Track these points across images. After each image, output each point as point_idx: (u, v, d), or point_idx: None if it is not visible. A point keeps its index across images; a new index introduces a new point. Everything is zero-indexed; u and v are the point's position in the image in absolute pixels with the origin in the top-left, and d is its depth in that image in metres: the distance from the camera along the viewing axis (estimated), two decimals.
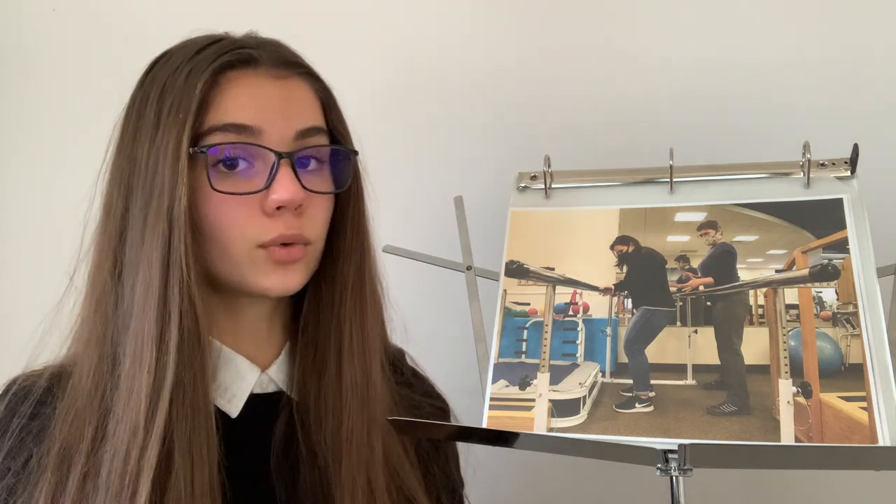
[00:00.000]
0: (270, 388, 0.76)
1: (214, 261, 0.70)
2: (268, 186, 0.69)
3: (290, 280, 0.71)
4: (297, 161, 0.71)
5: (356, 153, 0.76)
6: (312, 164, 0.73)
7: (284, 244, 0.70)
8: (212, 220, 0.69)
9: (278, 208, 0.69)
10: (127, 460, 0.64)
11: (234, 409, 0.73)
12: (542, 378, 0.77)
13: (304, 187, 0.70)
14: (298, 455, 0.73)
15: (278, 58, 0.72)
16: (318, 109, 0.74)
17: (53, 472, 0.65)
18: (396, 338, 0.86)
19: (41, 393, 0.70)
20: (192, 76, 0.69)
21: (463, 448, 0.88)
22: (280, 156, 0.69)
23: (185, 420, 0.65)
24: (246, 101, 0.69)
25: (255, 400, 0.74)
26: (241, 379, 0.74)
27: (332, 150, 0.74)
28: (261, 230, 0.69)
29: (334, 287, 0.76)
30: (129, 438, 0.64)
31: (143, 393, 0.65)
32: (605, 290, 0.81)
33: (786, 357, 0.72)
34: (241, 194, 0.69)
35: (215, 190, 0.68)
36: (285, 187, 0.69)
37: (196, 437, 0.66)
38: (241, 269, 0.70)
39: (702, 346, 0.75)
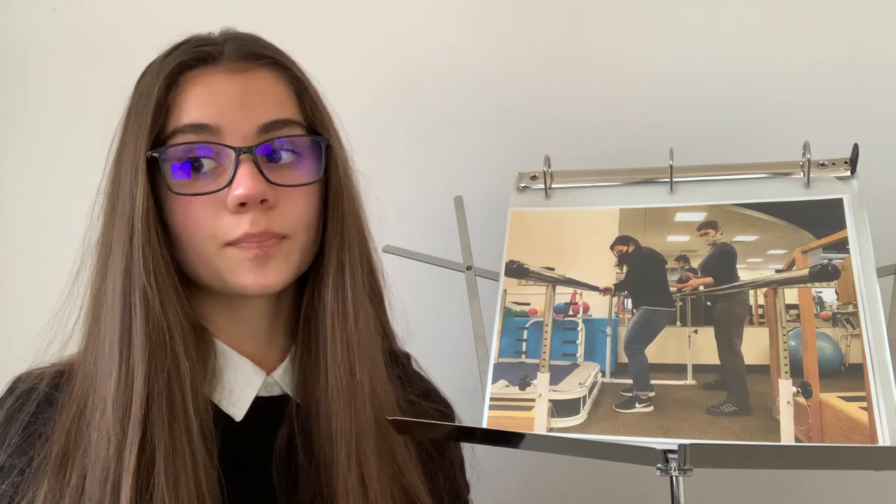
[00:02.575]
0: (276, 392, 0.75)
1: (191, 263, 0.70)
2: (229, 183, 0.68)
3: (267, 277, 0.69)
4: (266, 155, 0.69)
5: (328, 141, 0.73)
6: (285, 158, 0.71)
7: (257, 239, 0.69)
8: (179, 222, 0.69)
9: (242, 205, 0.68)
10: (105, 468, 0.63)
11: (238, 412, 0.72)
12: (542, 378, 0.77)
13: (268, 181, 0.68)
14: (298, 460, 0.73)
15: (240, 52, 0.71)
16: (286, 99, 0.72)
17: (50, 480, 0.65)
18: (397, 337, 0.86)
19: (47, 392, 0.70)
20: (155, 80, 0.69)
21: (467, 451, 0.88)
22: (239, 151, 0.68)
23: (162, 424, 0.65)
24: (204, 100, 0.69)
25: (260, 403, 0.74)
26: (245, 382, 0.73)
27: (308, 142, 0.72)
28: (226, 228, 0.68)
29: (320, 283, 0.74)
30: (105, 446, 0.64)
31: (113, 400, 0.64)
32: (605, 290, 0.81)
33: (786, 357, 0.72)
34: (200, 195, 0.68)
35: (173, 192, 0.68)
36: (243, 182, 0.67)
37: (177, 440, 0.65)
38: (215, 269, 0.70)
39: (702, 346, 0.75)
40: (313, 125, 0.74)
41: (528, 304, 0.81)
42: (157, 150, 0.68)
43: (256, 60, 0.72)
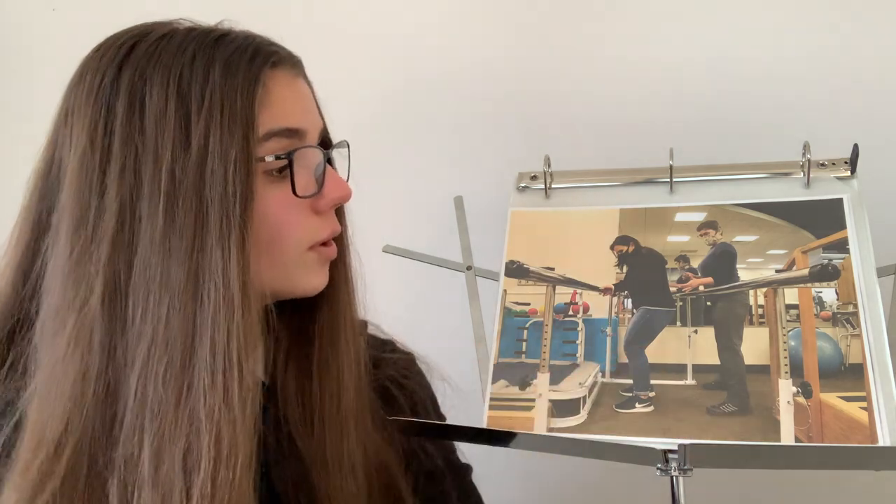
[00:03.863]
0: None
1: (262, 270, 0.66)
2: (321, 186, 0.68)
3: (328, 275, 0.72)
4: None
5: (348, 145, 0.75)
6: (338, 161, 0.73)
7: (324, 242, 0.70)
8: (273, 226, 0.66)
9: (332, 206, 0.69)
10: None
11: None
12: (542, 378, 0.77)
13: None
14: (282, 446, 0.72)
15: (290, 55, 0.70)
16: None
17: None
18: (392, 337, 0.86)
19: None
20: (231, 75, 0.63)
21: (461, 448, 0.88)
22: (328, 156, 0.70)
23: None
24: (293, 104, 0.67)
25: None
26: None
27: (345, 145, 0.75)
28: (315, 230, 0.69)
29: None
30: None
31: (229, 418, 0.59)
32: (605, 290, 0.81)
33: (786, 357, 0.72)
34: (308, 197, 0.67)
35: (299, 196, 0.66)
36: (343, 185, 0.70)
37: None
38: (290, 273, 0.68)
39: (702, 346, 0.75)
40: (326, 129, 0.75)
41: (528, 304, 0.81)
42: (286, 154, 0.65)
43: (301, 66, 0.71)
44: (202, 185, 0.61)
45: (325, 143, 0.73)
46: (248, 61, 0.64)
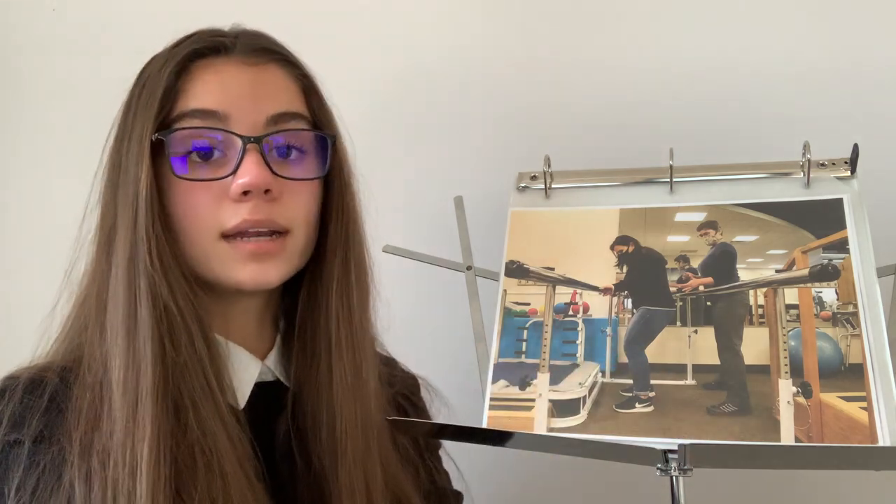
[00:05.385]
0: (269, 378, 0.75)
1: (189, 257, 0.69)
2: (234, 172, 0.68)
3: (267, 274, 0.69)
4: (274, 150, 0.69)
5: (334, 137, 0.74)
6: (293, 154, 0.71)
7: (256, 236, 0.68)
8: (179, 210, 0.68)
9: (245, 193, 0.67)
10: (123, 455, 0.62)
11: (240, 399, 0.72)
12: (542, 378, 0.77)
13: (273, 173, 0.68)
14: (294, 450, 0.73)
15: (253, 45, 0.72)
16: (295, 95, 0.73)
17: (77, 466, 0.63)
18: (392, 336, 0.86)
19: (57, 381, 0.67)
20: (164, 67, 0.69)
21: (462, 448, 0.88)
22: (246, 140, 0.68)
23: (186, 407, 0.64)
24: (213, 87, 0.69)
25: (256, 390, 0.73)
26: (244, 370, 0.73)
27: (313, 138, 0.73)
28: (225, 216, 0.68)
29: (322, 282, 0.74)
30: (120, 432, 0.63)
31: (123, 385, 0.63)
32: (605, 290, 0.81)
33: (786, 357, 0.72)
34: (204, 180, 0.68)
35: (177, 176, 0.67)
36: (248, 171, 0.67)
37: (207, 422, 0.64)
38: (210, 263, 0.69)
39: (702, 346, 0.75)
40: (319, 123, 0.74)
41: (528, 304, 0.81)
42: (162, 133, 0.67)
43: (268, 55, 0.72)
44: (125, 161, 0.68)
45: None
46: (179, 53, 0.70)
